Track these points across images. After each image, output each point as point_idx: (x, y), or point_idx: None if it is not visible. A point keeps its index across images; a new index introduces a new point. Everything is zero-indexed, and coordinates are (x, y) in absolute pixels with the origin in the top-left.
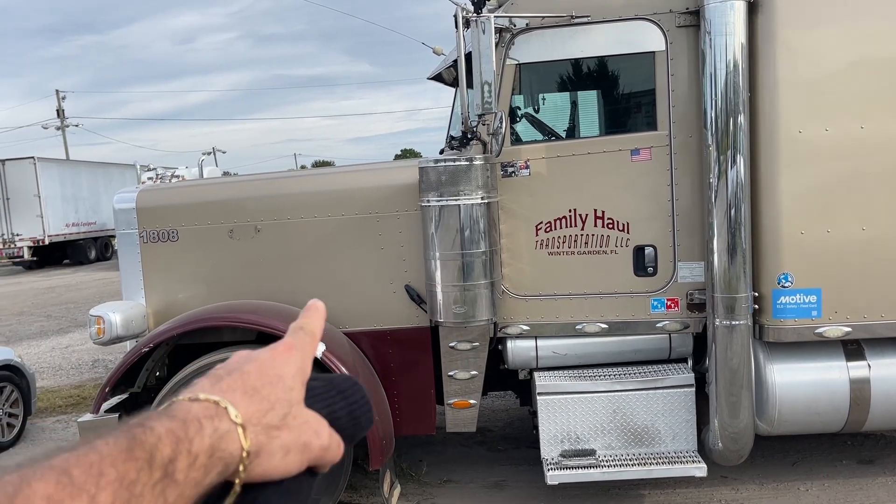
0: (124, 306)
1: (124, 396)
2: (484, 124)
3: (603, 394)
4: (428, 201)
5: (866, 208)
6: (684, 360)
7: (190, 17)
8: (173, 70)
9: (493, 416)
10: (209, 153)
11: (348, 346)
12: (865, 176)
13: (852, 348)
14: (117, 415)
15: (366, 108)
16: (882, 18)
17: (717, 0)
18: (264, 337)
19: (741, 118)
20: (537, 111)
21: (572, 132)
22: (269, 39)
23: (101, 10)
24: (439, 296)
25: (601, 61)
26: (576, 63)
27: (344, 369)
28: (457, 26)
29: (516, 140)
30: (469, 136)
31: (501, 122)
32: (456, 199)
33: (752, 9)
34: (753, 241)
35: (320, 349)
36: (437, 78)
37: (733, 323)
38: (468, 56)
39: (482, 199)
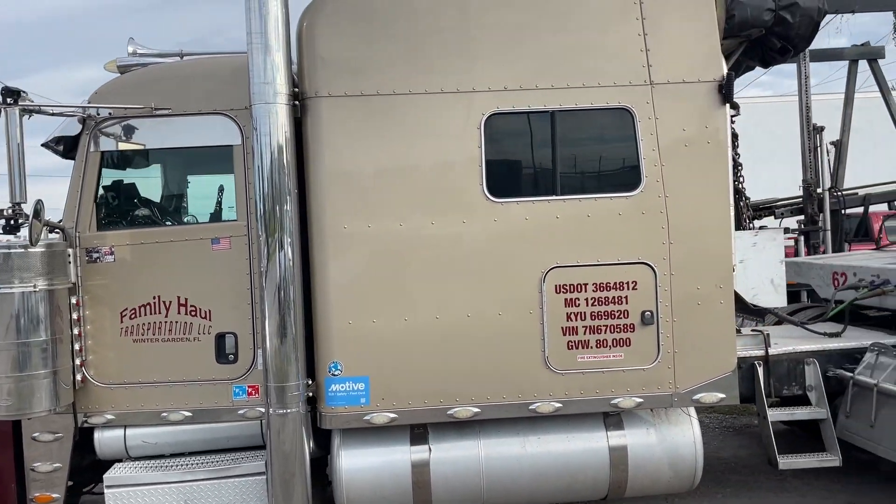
0: None
1: None
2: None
3: (174, 484)
4: None
5: (408, 300)
6: None
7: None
8: None
9: None
10: None
11: None
12: (406, 270)
13: (418, 432)
14: None
15: None
16: (408, 134)
17: (260, 102)
18: None
19: (287, 208)
20: (131, 198)
21: (158, 219)
22: None
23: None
24: None
25: (185, 151)
26: (160, 152)
27: None
28: None
29: (105, 225)
30: (12, 223)
31: (37, 212)
32: (9, 287)
33: (304, 111)
34: (312, 331)
35: None
36: None
37: (286, 412)
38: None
39: (35, 287)
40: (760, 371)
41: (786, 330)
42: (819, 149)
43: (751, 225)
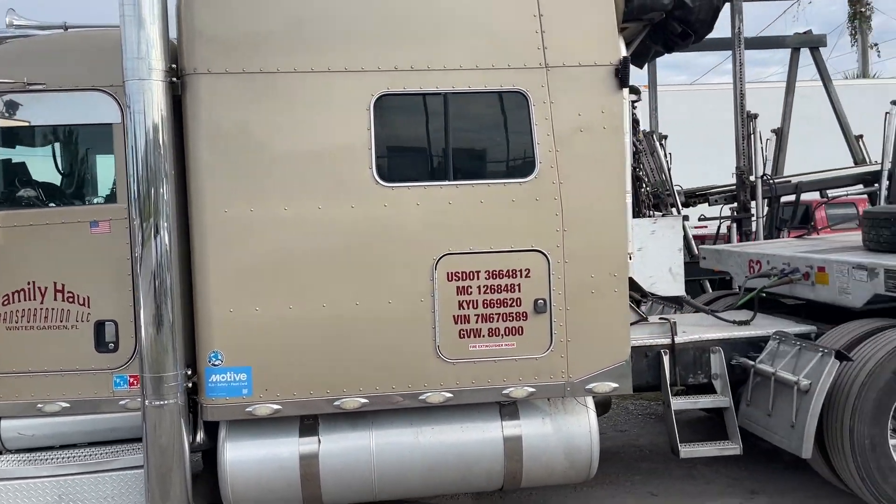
0: None
1: None
2: None
3: (47, 479)
4: None
5: (293, 287)
6: None
7: None
8: None
9: None
10: None
11: None
12: (292, 256)
13: (309, 424)
14: None
15: None
16: (294, 114)
17: (133, 78)
18: None
19: (163, 190)
20: (4, 177)
21: (35, 201)
22: None
23: None
24: None
25: (64, 129)
26: (38, 130)
27: None
28: None
29: None
30: None
31: None
32: None
33: (183, 88)
34: (193, 319)
35: None
36: None
37: (162, 403)
38: None
39: None
40: (666, 359)
41: (700, 318)
42: (752, 136)
43: (650, 213)
